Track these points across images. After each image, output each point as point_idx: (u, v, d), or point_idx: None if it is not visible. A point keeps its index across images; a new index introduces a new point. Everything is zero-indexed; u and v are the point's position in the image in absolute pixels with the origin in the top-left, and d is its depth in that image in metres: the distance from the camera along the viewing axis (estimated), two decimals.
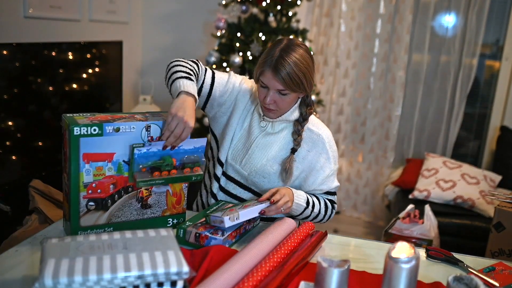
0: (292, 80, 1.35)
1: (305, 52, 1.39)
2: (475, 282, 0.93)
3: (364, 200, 3.73)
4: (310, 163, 1.50)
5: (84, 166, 1.22)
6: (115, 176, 1.26)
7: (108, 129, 1.21)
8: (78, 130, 1.18)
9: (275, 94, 1.39)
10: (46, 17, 2.70)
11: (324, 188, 1.53)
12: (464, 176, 2.99)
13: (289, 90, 1.38)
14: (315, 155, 1.50)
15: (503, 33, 3.39)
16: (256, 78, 1.43)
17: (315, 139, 1.50)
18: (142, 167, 1.25)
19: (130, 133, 1.25)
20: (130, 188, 1.30)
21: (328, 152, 1.51)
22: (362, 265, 1.25)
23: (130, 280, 0.93)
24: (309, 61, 1.40)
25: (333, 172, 1.53)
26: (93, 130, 1.20)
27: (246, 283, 1.04)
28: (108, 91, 3.32)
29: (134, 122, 1.26)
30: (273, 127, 1.51)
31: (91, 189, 1.24)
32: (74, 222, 1.25)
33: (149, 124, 1.28)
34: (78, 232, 1.26)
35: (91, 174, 1.23)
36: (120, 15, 3.47)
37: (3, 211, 2.22)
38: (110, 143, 1.23)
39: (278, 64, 1.35)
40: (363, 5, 3.47)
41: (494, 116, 3.47)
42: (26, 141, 2.59)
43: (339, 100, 3.61)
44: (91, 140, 1.20)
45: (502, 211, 1.83)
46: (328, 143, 1.51)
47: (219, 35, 3.11)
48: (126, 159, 1.26)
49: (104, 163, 1.24)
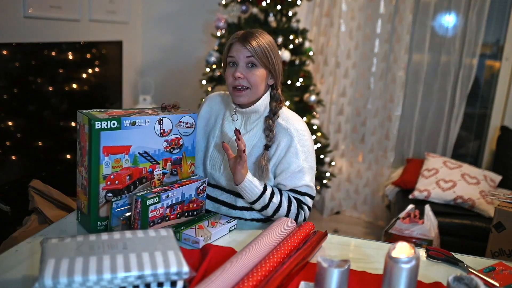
0: (260, 49, 1.41)
1: (270, 37, 1.48)
2: (475, 282, 0.93)
3: (364, 200, 3.73)
4: (278, 157, 1.47)
5: (103, 158, 1.28)
6: (131, 167, 1.34)
7: (125, 122, 1.30)
8: (99, 124, 1.25)
9: (244, 67, 1.43)
10: (46, 17, 2.70)
11: (289, 184, 1.47)
12: (464, 176, 2.99)
13: (256, 59, 1.41)
14: (283, 149, 1.46)
15: (503, 33, 3.38)
16: (225, 58, 1.48)
17: (283, 133, 1.47)
18: (122, 219, 1.29)
19: (145, 126, 1.34)
20: (144, 179, 1.38)
21: (297, 147, 1.46)
22: (362, 265, 1.25)
23: (130, 280, 0.92)
24: (275, 44, 1.47)
25: (301, 169, 1.46)
26: (112, 124, 1.27)
27: (246, 283, 1.04)
28: (108, 91, 3.33)
29: (148, 116, 1.34)
30: (245, 126, 1.51)
31: (110, 181, 1.30)
32: (93, 213, 1.30)
33: (161, 118, 1.37)
34: (97, 222, 1.31)
35: (110, 166, 1.30)
36: (120, 15, 3.47)
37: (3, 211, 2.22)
38: (127, 136, 1.31)
39: (247, 35, 1.44)
40: (363, 5, 3.47)
41: (494, 116, 3.47)
42: (26, 141, 2.59)
43: (339, 100, 3.61)
44: (110, 133, 1.28)
45: (502, 211, 1.83)
46: (297, 137, 1.46)
47: (219, 35, 3.11)
48: (141, 151, 1.35)
49: (121, 155, 1.31)
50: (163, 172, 1.42)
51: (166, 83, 3.85)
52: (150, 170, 1.38)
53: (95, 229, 1.31)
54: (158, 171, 1.40)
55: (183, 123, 1.43)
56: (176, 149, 1.43)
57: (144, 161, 1.36)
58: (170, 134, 1.40)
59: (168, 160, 1.42)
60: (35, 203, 1.90)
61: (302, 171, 1.46)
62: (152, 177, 1.39)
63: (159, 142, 1.38)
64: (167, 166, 1.42)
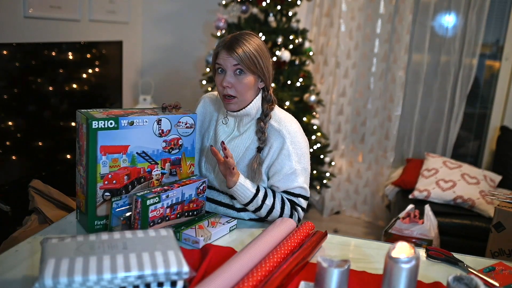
0: (246, 56, 1.38)
1: (258, 39, 1.44)
2: (475, 282, 0.93)
3: (364, 200, 3.73)
4: (271, 159, 1.47)
5: (101, 158, 1.28)
6: (129, 167, 1.34)
7: (123, 122, 1.30)
8: (96, 123, 1.25)
9: (232, 76, 1.41)
10: (46, 17, 2.70)
11: (282, 186, 1.46)
12: (464, 176, 2.99)
13: (243, 67, 1.39)
14: (275, 151, 1.46)
15: (503, 33, 3.38)
16: (213, 65, 1.47)
17: (276, 135, 1.46)
18: (122, 219, 1.29)
19: (143, 126, 1.34)
20: (142, 179, 1.38)
21: (289, 149, 1.44)
22: (362, 265, 1.25)
23: (130, 280, 0.92)
24: (263, 47, 1.44)
25: (293, 171, 1.44)
26: (109, 123, 1.27)
27: (246, 283, 1.04)
28: (108, 91, 3.32)
29: (146, 116, 1.35)
30: (238, 129, 1.51)
31: (107, 180, 1.31)
32: (91, 212, 1.30)
33: (160, 118, 1.37)
34: (95, 221, 1.32)
35: (108, 165, 1.30)
36: (120, 15, 3.47)
37: (3, 211, 2.22)
38: (125, 136, 1.31)
39: (232, 42, 1.40)
40: (363, 5, 3.47)
41: (494, 116, 3.47)
42: (26, 141, 2.59)
43: (339, 100, 3.61)
44: (108, 133, 1.28)
45: (502, 211, 1.83)
46: (289, 139, 1.45)
47: (219, 35, 3.11)
48: (139, 151, 1.35)
49: (119, 155, 1.31)
50: (161, 172, 1.42)
51: (166, 83, 3.85)
52: (149, 170, 1.38)
53: (92, 228, 1.31)
54: (156, 171, 1.40)
55: (182, 123, 1.43)
56: (175, 149, 1.43)
57: (142, 161, 1.36)
58: (169, 135, 1.40)
59: (167, 160, 1.42)
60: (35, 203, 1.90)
61: (295, 173, 1.45)
62: (151, 177, 1.39)
63: (157, 142, 1.38)
64: (166, 166, 1.42)
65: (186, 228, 1.33)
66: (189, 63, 3.78)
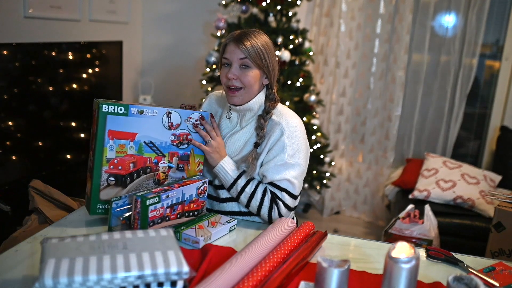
0: (254, 49, 1.41)
1: (267, 37, 1.48)
2: (475, 282, 0.93)
3: (364, 200, 3.73)
4: (266, 150, 1.46)
5: (108, 141, 1.31)
6: (135, 155, 1.36)
7: (133, 110, 1.33)
8: (106, 107, 1.30)
9: (238, 68, 1.43)
10: (46, 17, 2.70)
11: (268, 176, 1.43)
12: (464, 176, 2.99)
13: (250, 60, 1.42)
14: (272, 143, 1.45)
15: (503, 33, 3.39)
16: (220, 59, 1.49)
17: (274, 127, 1.46)
18: (122, 219, 1.30)
19: (152, 117, 1.36)
20: (148, 169, 1.39)
21: (285, 141, 1.43)
22: (362, 265, 1.25)
23: (130, 280, 0.92)
24: (270, 45, 1.47)
25: (284, 163, 1.42)
26: (119, 109, 1.32)
27: (246, 283, 1.04)
28: (108, 91, 3.32)
29: (156, 107, 1.37)
30: (240, 124, 1.53)
31: (113, 165, 1.33)
32: (94, 194, 1.32)
33: (170, 111, 1.39)
34: (97, 204, 1.34)
35: (114, 150, 1.33)
36: (120, 15, 3.47)
37: (3, 211, 2.22)
38: (134, 124, 1.34)
39: (241, 35, 1.44)
40: (363, 5, 3.47)
41: (494, 116, 3.47)
42: (26, 141, 2.59)
43: (339, 100, 3.61)
44: (117, 118, 1.32)
45: (502, 211, 1.83)
46: (287, 132, 1.44)
47: (219, 35, 3.11)
48: (147, 141, 1.37)
49: (126, 141, 1.34)
50: (168, 165, 1.42)
51: (166, 83, 3.85)
52: (155, 161, 1.39)
53: (94, 210, 1.33)
54: (163, 164, 1.41)
55: (192, 119, 1.44)
56: (184, 144, 1.44)
57: (150, 151, 1.38)
58: (178, 129, 1.41)
59: (175, 154, 1.42)
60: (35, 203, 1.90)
61: (285, 166, 1.43)
62: (157, 168, 1.40)
63: (166, 135, 1.39)
64: (173, 160, 1.43)
65: (186, 228, 1.33)
66: (189, 63, 3.78)
